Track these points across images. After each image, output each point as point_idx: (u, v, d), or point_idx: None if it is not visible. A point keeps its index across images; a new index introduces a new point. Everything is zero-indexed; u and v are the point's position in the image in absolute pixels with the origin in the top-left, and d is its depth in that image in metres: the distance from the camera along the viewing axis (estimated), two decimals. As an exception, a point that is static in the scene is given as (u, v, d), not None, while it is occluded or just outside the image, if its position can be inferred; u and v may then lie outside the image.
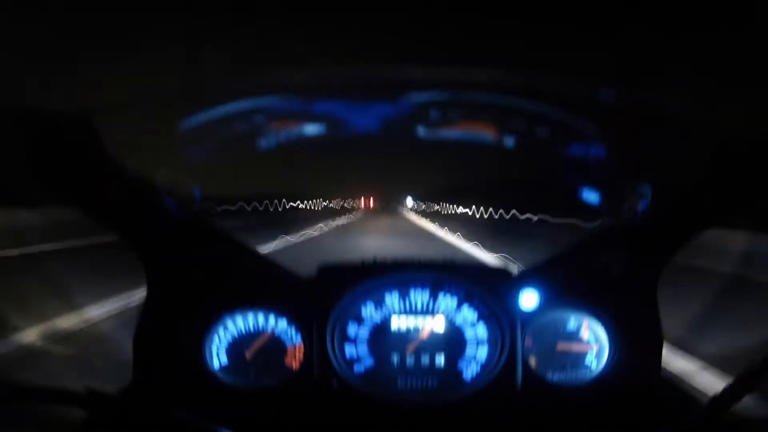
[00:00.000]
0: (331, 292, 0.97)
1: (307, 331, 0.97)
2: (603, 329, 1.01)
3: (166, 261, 0.98)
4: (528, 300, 0.98)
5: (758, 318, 3.44)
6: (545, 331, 1.02)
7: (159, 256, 0.97)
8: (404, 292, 1.00)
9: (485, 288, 0.98)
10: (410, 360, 0.99)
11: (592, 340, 1.02)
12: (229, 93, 0.91)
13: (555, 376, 1.00)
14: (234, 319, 1.00)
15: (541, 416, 0.96)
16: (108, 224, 0.92)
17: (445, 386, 0.98)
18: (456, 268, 1.02)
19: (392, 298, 1.00)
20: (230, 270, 1.02)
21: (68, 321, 3.21)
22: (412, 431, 0.94)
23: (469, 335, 0.99)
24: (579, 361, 1.02)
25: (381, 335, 0.99)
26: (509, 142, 1.09)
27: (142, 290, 0.98)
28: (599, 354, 1.01)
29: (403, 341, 0.99)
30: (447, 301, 1.00)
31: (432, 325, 0.99)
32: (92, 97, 0.83)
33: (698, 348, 2.89)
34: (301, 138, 1.08)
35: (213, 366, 0.98)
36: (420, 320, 0.99)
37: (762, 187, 0.89)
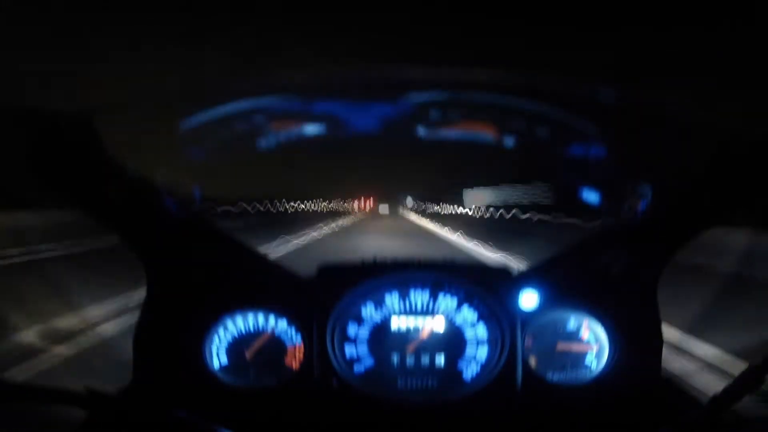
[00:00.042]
0: (331, 292, 0.97)
1: (307, 331, 0.97)
2: (603, 329, 1.01)
3: (166, 261, 0.98)
4: (528, 300, 0.98)
5: (758, 318, 3.44)
6: (545, 331, 1.02)
7: (159, 256, 0.97)
8: (404, 292, 1.00)
9: (485, 288, 0.98)
10: (410, 360, 0.99)
11: (592, 340, 1.02)
12: (229, 93, 0.91)
13: (555, 376, 1.00)
14: (234, 320, 1.00)
15: (541, 416, 0.96)
16: (108, 224, 0.92)
17: (445, 386, 0.98)
18: (456, 268, 1.02)
19: (392, 298, 1.00)
20: (230, 270, 1.02)
21: (68, 321, 3.21)
22: (412, 431, 0.94)
23: (469, 335, 0.99)
24: (579, 361, 1.02)
25: (381, 335, 0.99)
26: (509, 142, 1.09)
27: (142, 290, 0.98)
28: (599, 354, 1.02)
29: (403, 341, 0.99)
30: (447, 301, 1.00)
31: (432, 325, 0.99)
32: (92, 97, 0.83)
33: (698, 348, 2.89)
34: (301, 138, 1.08)
35: (213, 366, 0.98)
36: (420, 320, 0.99)
37: (762, 187, 0.89)
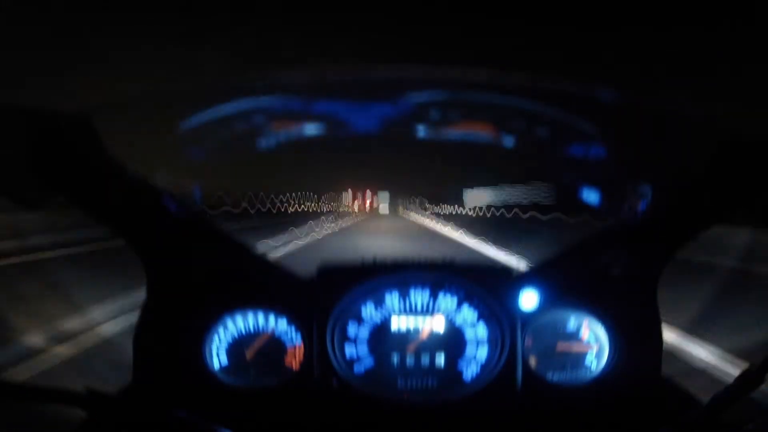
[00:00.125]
0: (331, 292, 0.97)
1: (307, 331, 0.97)
2: (603, 329, 1.01)
3: (166, 261, 0.98)
4: (528, 300, 0.98)
5: (758, 317, 3.43)
6: (545, 331, 1.01)
7: (159, 256, 0.97)
8: (404, 292, 1.00)
9: (485, 288, 0.98)
10: (410, 360, 0.98)
11: (592, 340, 1.02)
12: (229, 93, 0.91)
13: (555, 376, 1.00)
14: (234, 319, 1.00)
15: (541, 416, 0.96)
16: (108, 224, 0.92)
17: (445, 386, 0.98)
18: (456, 268, 1.02)
19: (392, 298, 0.99)
20: (230, 270, 1.02)
21: (68, 322, 3.21)
22: (412, 431, 0.94)
23: (469, 335, 0.99)
24: (579, 361, 1.02)
25: (381, 335, 0.99)
26: (509, 142, 1.09)
27: (142, 291, 0.98)
28: (599, 354, 1.01)
29: (403, 341, 0.99)
30: (447, 301, 1.00)
31: (432, 325, 0.99)
32: (92, 97, 0.83)
33: (698, 347, 2.89)
34: (301, 138, 1.08)
35: (213, 366, 0.98)
36: (420, 320, 0.99)
37: (762, 187, 0.89)
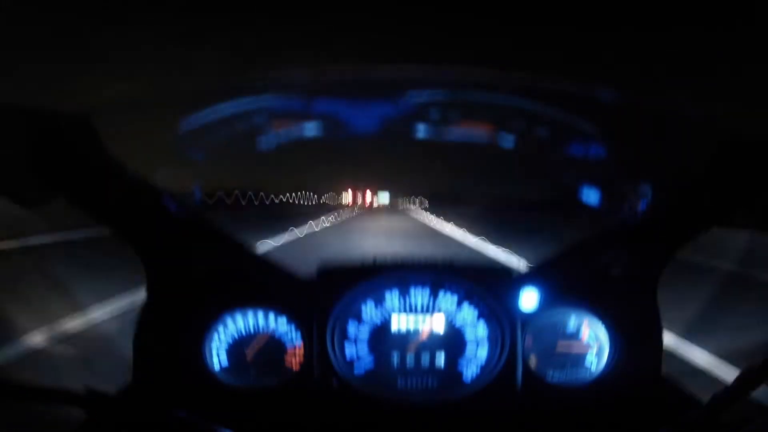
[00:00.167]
0: (331, 292, 0.97)
1: (307, 331, 0.97)
2: (603, 329, 1.01)
3: (166, 260, 0.98)
4: (528, 300, 0.98)
5: (758, 317, 3.43)
6: (545, 331, 1.01)
7: (159, 256, 0.97)
8: (404, 292, 1.00)
9: (485, 287, 0.98)
10: (410, 360, 0.98)
11: (592, 340, 1.02)
12: (229, 93, 0.91)
13: (555, 376, 1.00)
14: (234, 319, 1.00)
15: (541, 416, 0.96)
16: (108, 224, 0.91)
17: (445, 386, 0.98)
18: (456, 268, 1.02)
19: (392, 298, 0.99)
20: (230, 269, 1.02)
21: (68, 321, 3.21)
22: (413, 431, 0.94)
23: (469, 335, 0.99)
24: (579, 361, 1.02)
25: (381, 335, 0.99)
26: (509, 142, 1.09)
27: (142, 290, 0.98)
28: (599, 354, 1.01)
29: (404, 341, 0.99)
30: (447, 301, 1.00)
31: (432, 325, 0.99)
32: (92, 97, 0.83)
33: (698, 347, 2.89)
34: (301, 138, 1.08)
35: (213, 366, 0.98)
36: (420, 320, 0.99)
37: (762, 187, 0.89)
